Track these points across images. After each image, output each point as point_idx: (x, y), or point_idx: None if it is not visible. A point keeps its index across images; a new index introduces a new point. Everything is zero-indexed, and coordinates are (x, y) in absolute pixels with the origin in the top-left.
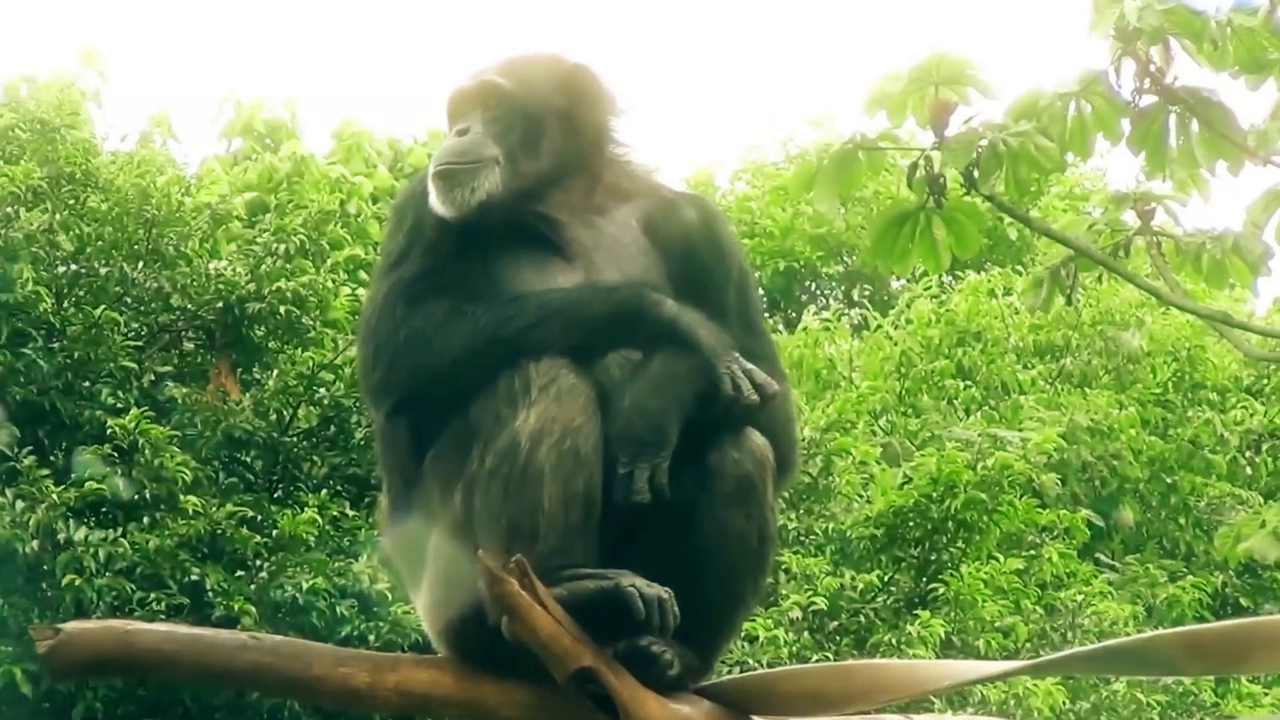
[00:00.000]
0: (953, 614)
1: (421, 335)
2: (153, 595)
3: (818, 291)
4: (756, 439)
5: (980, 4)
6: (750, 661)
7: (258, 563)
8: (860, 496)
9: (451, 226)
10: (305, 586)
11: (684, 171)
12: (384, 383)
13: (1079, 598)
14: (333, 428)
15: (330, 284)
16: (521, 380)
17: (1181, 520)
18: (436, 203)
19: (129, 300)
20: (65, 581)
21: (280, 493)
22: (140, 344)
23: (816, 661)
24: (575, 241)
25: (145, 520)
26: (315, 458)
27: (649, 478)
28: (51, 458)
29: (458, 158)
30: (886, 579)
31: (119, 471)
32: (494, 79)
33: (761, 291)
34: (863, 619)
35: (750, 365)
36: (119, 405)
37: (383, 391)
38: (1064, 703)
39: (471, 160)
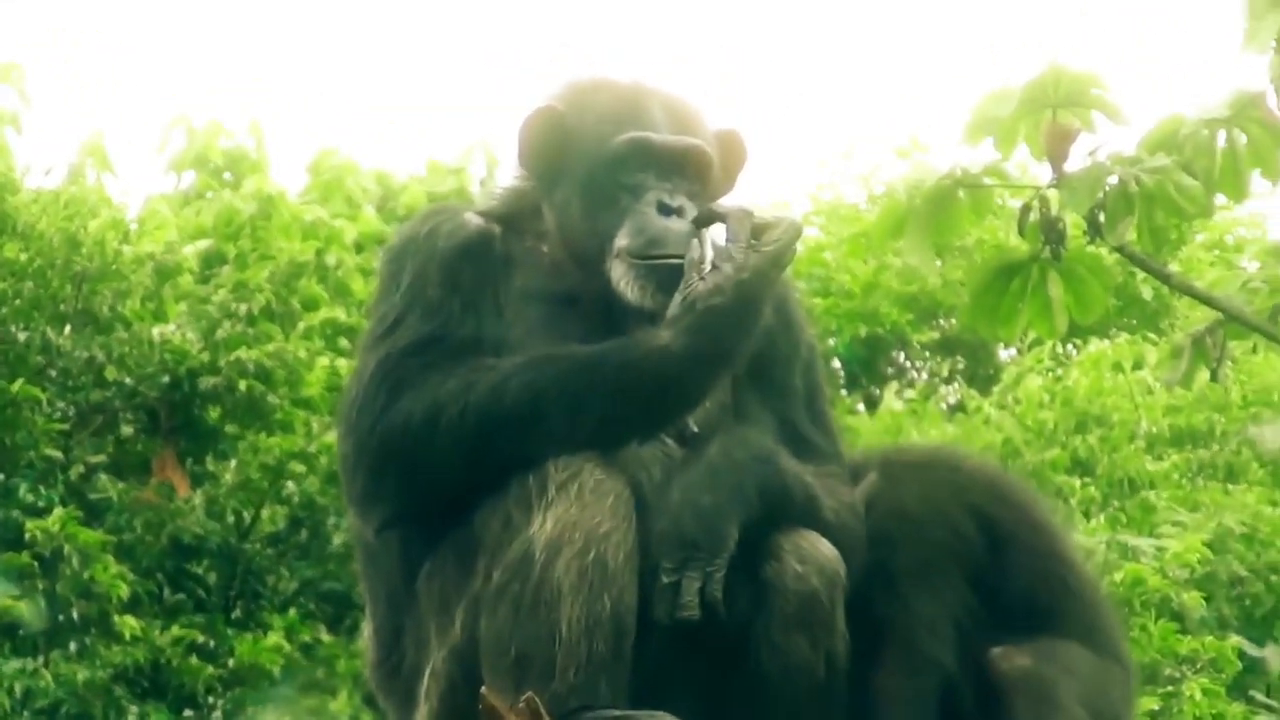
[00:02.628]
0: None
1: (416, 424)
2: None
3: (906, 363)
4: (825, 549)
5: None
6: None
7: (210, 699)
8: None
9: (465, 279)
10: None
11: None
12: (370, 489)
13: None
14: (304, 532)
15: (303, 353)
16: (537, 477)
17: None
18: (648, 300)
19: (53, 373)
20: None
21: (239, 613)
22: (67, 427)
23: None
24: (611, 312)
25: (72, 646)
26: (282, 569)
27: (700, 589)
28: None
29: (679, 249)
30: None
31: (39, 587)
32: (705, 148)
33: (836, 363)
34: None
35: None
36: (40, 504)
37: (369, 500)
38: None
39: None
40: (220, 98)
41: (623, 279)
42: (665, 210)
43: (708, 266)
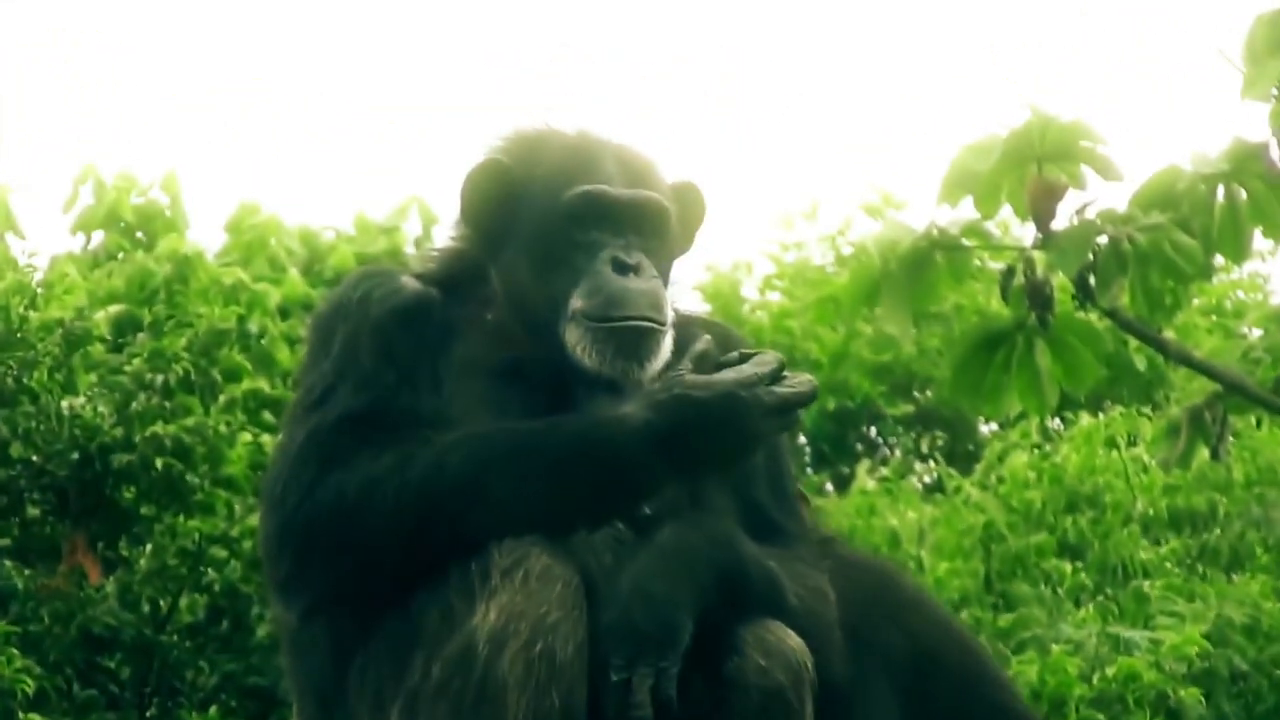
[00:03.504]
0: None
1: (349, 501)
2: None
3: (878, 439)
4: (791, 641)
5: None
6: None
7: None
8: None
9: (401, 348)
10: None
11: (697, 277)
12: (296, 572)
13: None
14: (225, 623)
15: (224, 429)
16: (479, 562)
17: None
18: (607, 367)
19: None
20: None
21: (155, 710)
22: None
23: None
24: (564, 382)
25: None
26: (202, 663)
27: (652, 688)
28: None
29: (655, 313)
30: None
31: None
32: (661, 201)
33: (802, 439)
34: None
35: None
36: None
37: (293, 585)
38: None
39: (664, 320)
40: (133, 147)
41: (579, 343)
42: (622, 268)
43: (690, 366)
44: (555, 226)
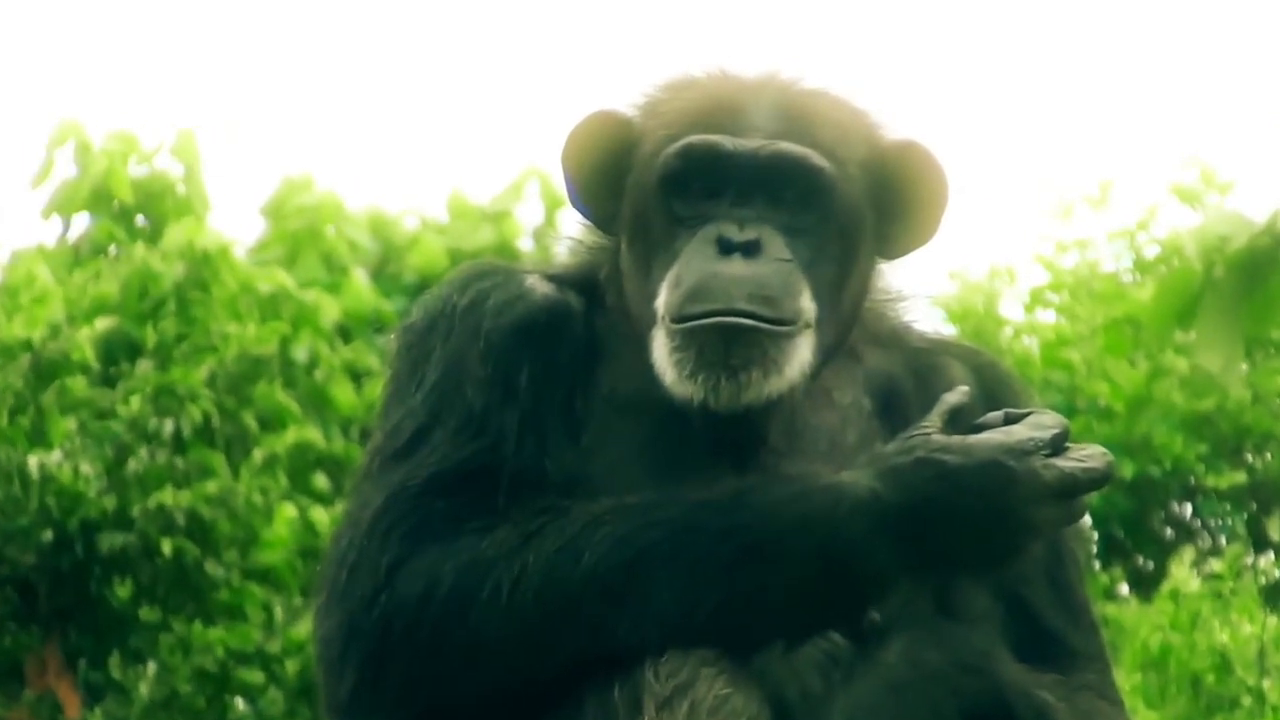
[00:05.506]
0: None
1: (444, 593)
2: None
3: (1196, 521)
4: None
5: None
6: None
7: None
8: None
9: (526, 377)
10: None
11: (938, 289)
12: (364, 692)
13: None
14: None
15: (260, 497)
16: (627, 688)
17: None
18: (689, 384)
19: None
20: None
21: None
22: None
23: None
24: (760, 435)
25: None
26: None
27: None
28: None
29: (759, 304)
30: None
31: None
32: (811, 158)
33: (1086, 519)
34: None
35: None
36: None
37: (361, 707)
38: None
39: (785, 317)
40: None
41: (660, 358)
42: (726, 246)
43: (939, 422)
44: (652, 195)
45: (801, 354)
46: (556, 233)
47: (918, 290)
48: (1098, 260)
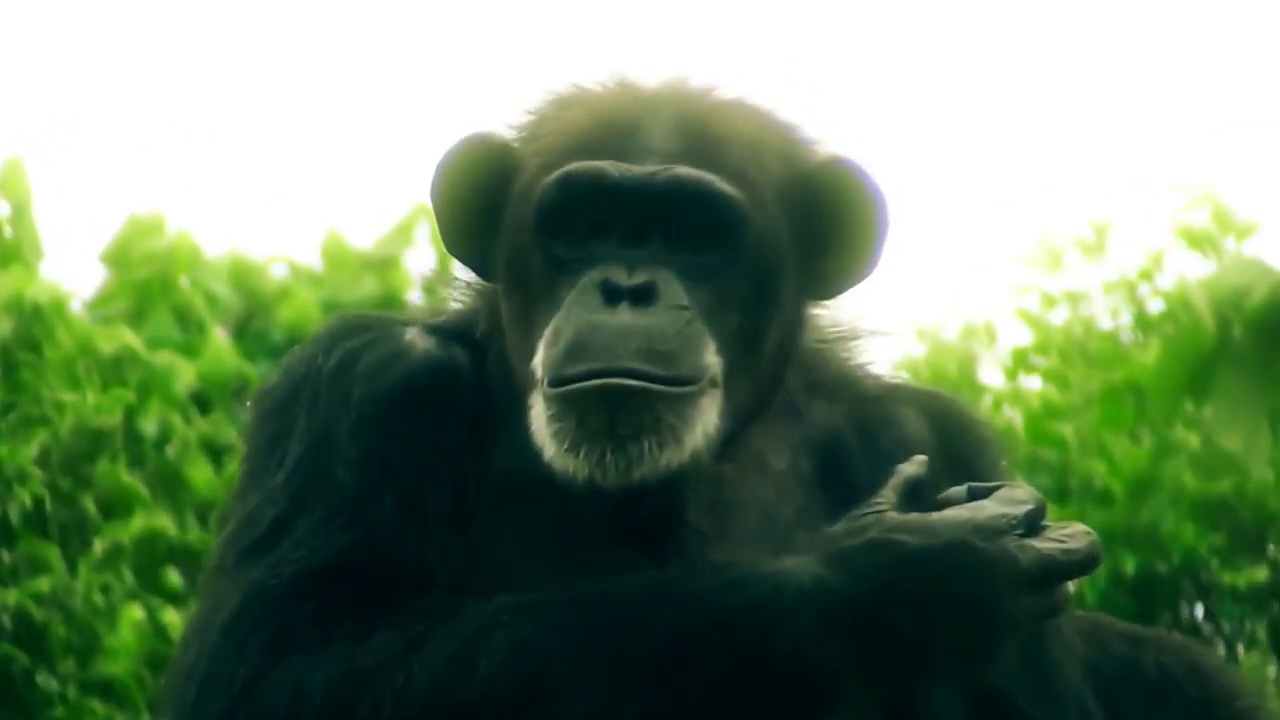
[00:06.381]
0: None
1: (319, 711)
2: None
3: (1208, 625)
4: None
5: None
6: None
7: None
8: None
9: (406, 451)
10: None
11: (904, 350)
12: None
13: None
14: None
15: (100, 597)
16: None
17: None
18: (570, 460)
19: None
20: None
21: None
22: None
23: None
24: (677, 514)
25: None
26: None
27: None
28: None
29: (652, 363)
30: None
31: None
32: (710, 181)
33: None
34: None
35: None
36: None
37: None
38: None
39: (682, 375)
40: None
41: (539, 429)
42: (612, 293)
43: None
44: (529, 234)
45: (705, 418)
46: (450, 277)
47: (871, 326)
48: (1092, 316)
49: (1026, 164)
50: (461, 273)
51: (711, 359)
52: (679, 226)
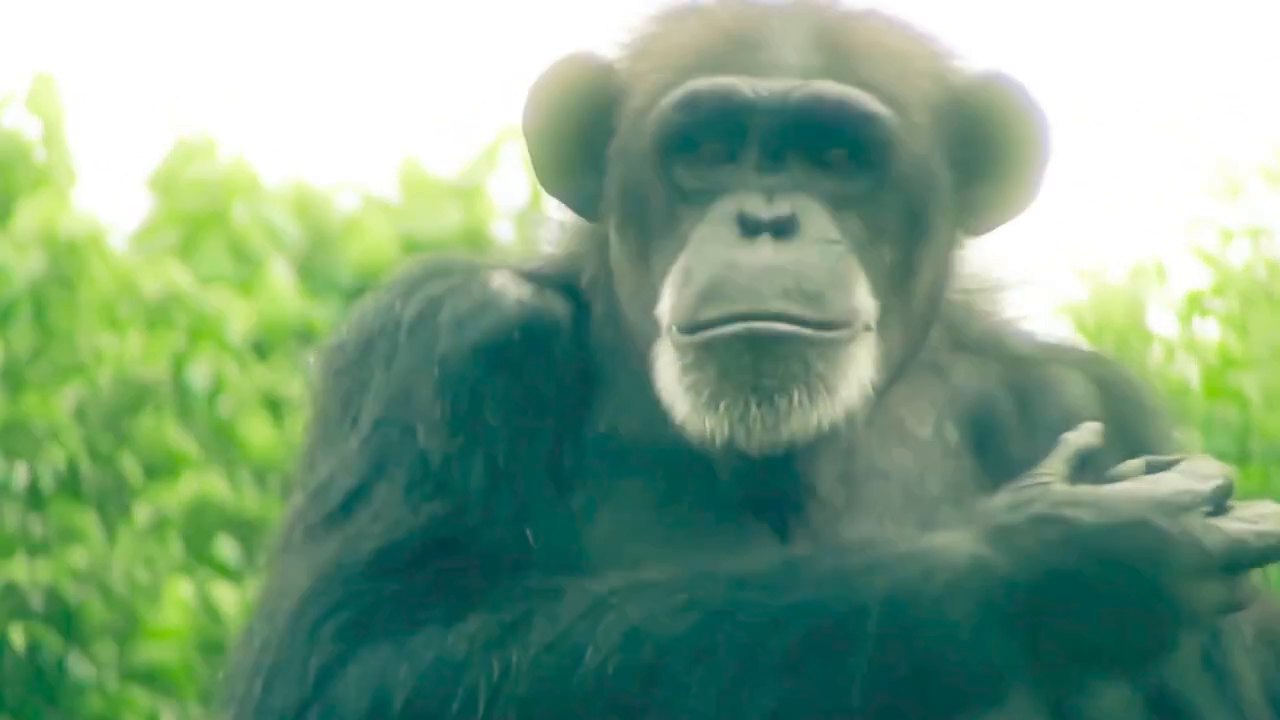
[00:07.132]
0: None
1: (399, 710)
2: None
3: None
4: None
5: None
6: None
7: None
8: None
9: (498, 412)
10: None
11: (1059, 292)
12: None
13: None
14: None
15: (145, 567)
16: None
17: None
18: (708, 418)
19: None
20: None
21: None
22: None
23: None
24: (808, 485)
25: None
26: None
27: None
28: None
29: (802, 304)
30: None
31: None
32: (857, 96)
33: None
34: None
35: None
36: None
37: None
38: None
39: (836, 318)
40: None
41: (667, 384)
42: (750, 226)
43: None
44: (646, 163)
45: (860, 368)
46: (543, 214)
47: (1019, 276)
48: (1278, 254)
49: (1203, 83)
50: (557, 212)
51: (865, 300)
52: (821, 150)
